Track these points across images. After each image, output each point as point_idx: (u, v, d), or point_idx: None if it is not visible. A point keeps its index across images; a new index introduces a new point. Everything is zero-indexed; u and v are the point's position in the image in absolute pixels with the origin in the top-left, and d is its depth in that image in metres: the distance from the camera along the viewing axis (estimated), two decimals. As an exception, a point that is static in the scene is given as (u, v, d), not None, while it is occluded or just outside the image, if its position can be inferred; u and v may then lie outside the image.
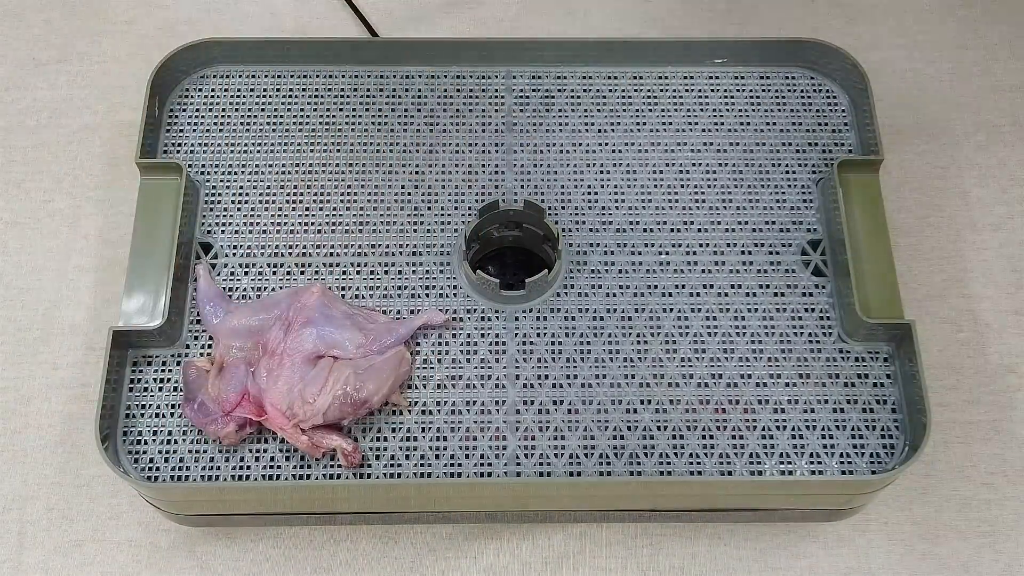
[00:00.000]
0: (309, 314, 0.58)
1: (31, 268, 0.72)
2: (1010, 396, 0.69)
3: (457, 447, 0.59)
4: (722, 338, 0.61)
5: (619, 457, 0.58)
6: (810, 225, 0.64)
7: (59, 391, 0.69)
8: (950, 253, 0.73)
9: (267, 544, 0.65)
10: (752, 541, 0.65)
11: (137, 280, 0.61)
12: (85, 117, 0.78)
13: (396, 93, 0.68)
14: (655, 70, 0.69)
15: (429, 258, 0.63)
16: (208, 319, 0.60)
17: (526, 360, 0.61)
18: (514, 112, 0.68)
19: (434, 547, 0.65)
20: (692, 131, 0.67)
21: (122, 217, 0.74)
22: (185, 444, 0.59)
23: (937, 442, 0.68)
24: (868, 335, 0.60)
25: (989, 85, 0.79)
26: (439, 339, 0.61)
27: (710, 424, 0.59)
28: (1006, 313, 0.71)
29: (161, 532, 0.65)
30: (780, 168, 0.66)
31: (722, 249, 0.64)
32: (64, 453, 0.67)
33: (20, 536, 0.65)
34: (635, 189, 0.65)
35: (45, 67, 0.80)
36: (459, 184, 0.65)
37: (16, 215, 0.74)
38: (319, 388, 0.56)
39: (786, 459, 0.58)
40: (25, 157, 0.76)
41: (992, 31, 0.82)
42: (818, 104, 0.68)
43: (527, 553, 0.64)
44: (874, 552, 0.65)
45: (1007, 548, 0.65)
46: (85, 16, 0.82)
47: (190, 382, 0.59)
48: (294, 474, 0.58)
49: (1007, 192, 0.75)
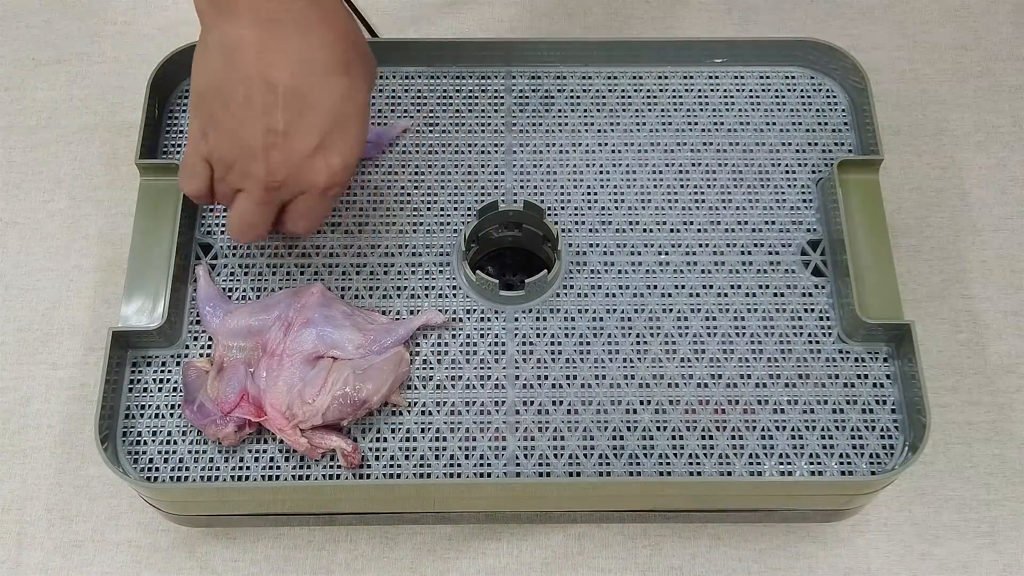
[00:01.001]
0: (309, 315, 0.58)
1: (31, 268, 0.73)
2: (1010, 397, 0.69)
3: (457, 447, 0.59)
4: (722, 338, 0.61)
5: (619, 458, 0.58)
6: (810, 225, 0.64)
7: (59, 391, 0.69)
8: (950, 253, 0.73)
9: (267, 544, 0.65)
10: (751, 541, 0.65)
11: (137, 280, 0.61)
12: (85, 117, 0.78)
13: (396, 93, 0.68)
14: (655, 70, 0.69)
15: (429, 259, 0.63)
16: (208, 320, 0.60)
17: (525, 360, 0.61)
18: (513, 112, 0.68)
19: (434, 547, 0.65)
20: (692, 131, 0.67)
21: (122, 217, 0.74)
22: (185, 444, 0.59)
23: (937, 443, 0.68)
24: (868, 335, 0.60)
25: (989, 85, 0.79)
26: (439, 339, 0.61)
27: (710, 424, 0.59)
28: (1006, 314, 0.71)
29: (161, 532, 0.65)
30: (780, 168, 0.66)
31: (722, 249, 0.64)
32: (64, 453, 0.67)
33: (19, 536, 0.65)
34: (635, 189, 0.65)
35: (45, 67, 0.80)
36: (459, 185, 0.65)
37: (16, 215, 0.74)
38: (318, 388, 0.56)
39: (786, 460, 0.58)
40: (25, 157, 0.76)
41: (992, 31, 0.82)
42: (818, 104, 0.68)
43: (526, 554, 0.65)
44: (873, 553, 0.65)
45: (1007, 549, 0.65)
46: (85, 16, 0.82)
47: (190, 383, 0.59)
48: (294, 474, 0.58)
49: (1007, 192, 0.75)
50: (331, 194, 0.55)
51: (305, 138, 0.52)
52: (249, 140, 0.52)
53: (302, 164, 0.52)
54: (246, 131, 0.51)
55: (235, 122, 0.52)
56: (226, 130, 0.52)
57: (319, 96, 0.51)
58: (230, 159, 0.53)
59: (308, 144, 0.52)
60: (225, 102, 0.51)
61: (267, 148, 0.52)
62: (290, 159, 0.52)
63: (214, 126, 0.53)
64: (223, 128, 0.52)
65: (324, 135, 0.52)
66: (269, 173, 0.52)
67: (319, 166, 0.53)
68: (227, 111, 0.52)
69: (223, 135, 0.52)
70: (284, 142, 0.51)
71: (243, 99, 0.51)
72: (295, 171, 0.53)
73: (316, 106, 0.51)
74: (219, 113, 0.52)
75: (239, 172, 0.53)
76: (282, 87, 0.51)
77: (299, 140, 0.52)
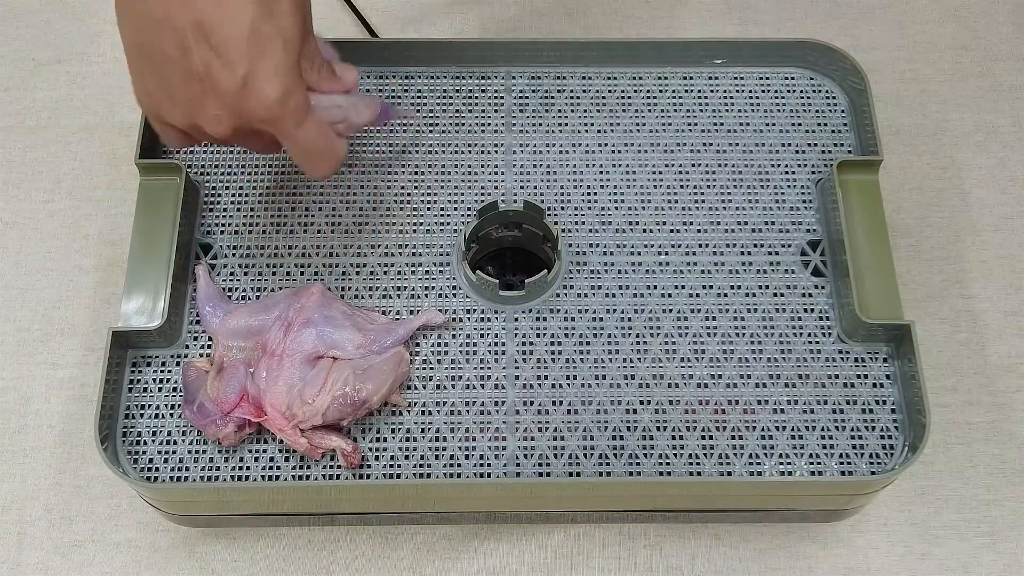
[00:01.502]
0: (308, 315, 0.58)
1: (31, 268, 0.73)
2: (1010, 397, 0.69)
3: (456, 447, 0.59)
4: (721, 338, 0.61)
5: (618, 458, 0.58)
6: (809, 225, 0.64)
7: (59, 391, 0.69)
8: (950, 254, 0.73)
9: (267, 544, 0.65)
10: (751, 542, 0.65)
11: (137, 280, 0.61)
12: (85, 117, 0.78)
13: (396, 93, 0.68)
14: (655, 70, 0.69)
15: (429, 259, 0.63)
16: (207, 320, 0.60)
17: (525, 360, 0.61)
18: (513, 112, 0.68)
19: (433, 548, 0.65)
20: (691, 131, 0.67)
21: (122, 217, 0.74)
22: (184, 445, 0.59)
23: (936, 443, 0.68)
24: (867, 335, 0.60)
25: (989, 85, 0.79)
26: (438, 339, 0.61)
27: (709, 425, 0.59)
28: (1006, 314, 0.71)
29: (161, 533, 0.65)
30: (779, 168, 0.66)
31: (721, 249, 0.64)
32: (63, 453, 0.67)
33: (19, 536, 0.65)
34: (634, 190, 0.65)
35: (45, 67, 0.80)
36: (459, 185, 0.65)
37: (16, 215, 0.74)
38: (318, 388, 0.56)
39: (785, 460, 0.58)
40: (25, 157, 0.76)
41: (992, 31, 0.82)
42: (817, 104, 0.68)
43: (526, 554, 0.65)
44: (873, 553, 0.65)
45: (1006, 549, 0.65)
46: (85, 16, 0.82)
47: (189, 383, 0.59)
48: (293, 474, 0.58)
49: (1007, 192, 0.75)
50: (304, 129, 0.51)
51: (226, 75, 0.47)
52: (184, 94, 0.49)
53: (238, 103, 0.48)
54: (177, 87, 0.49)
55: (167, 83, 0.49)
56: (163, 93, 0.49)
57: (229, 26, 0.47)
58: (179, 120, 0.50)
59: (232, 81, 0.48)
60: (150, 65, 0.49)
61: (199, 97, 0.48)
62: (224, 101, 0.48)
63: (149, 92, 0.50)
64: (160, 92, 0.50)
65: (247, 66, 0.47)
66: (216, 123, 0.49)
67: (254, 100, 0.48)
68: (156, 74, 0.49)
69: (163, 100, 0.50)
70: (210, 84, 0.48)
71: (160, 54, 0.48)
72: (236, 111, 0.49)
73: (228, 37, 0.47)
74: (148, 78, 0.49)
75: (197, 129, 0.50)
76: (189, 26, 0.47)
77: (222, 78, 0.47)
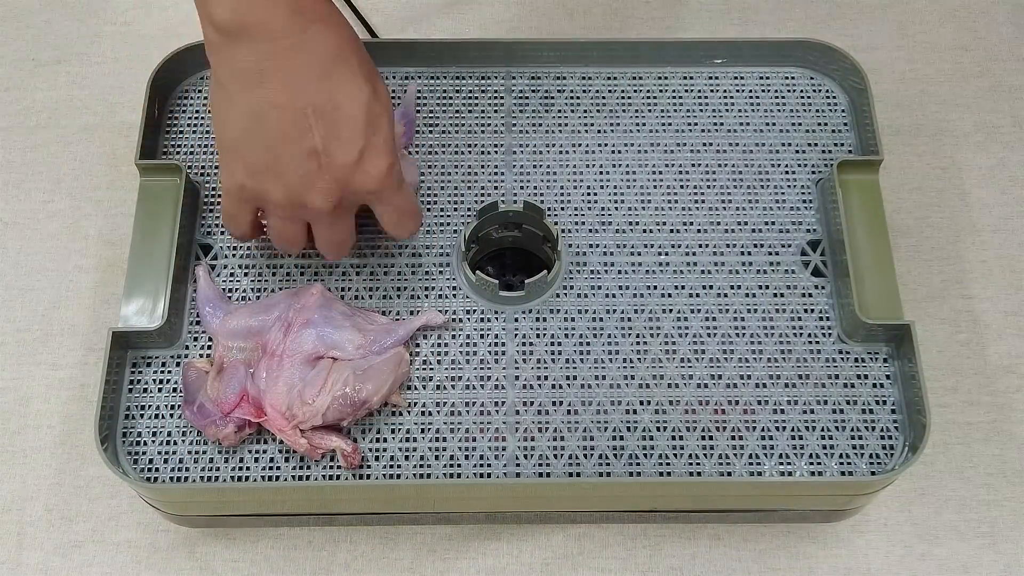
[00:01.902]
0: (308, 315, 0.58)
1: (31, 268, 0.73)
2: (1010, 397, 0.69)
3: (456, 448, 0.59)
4: (721, 339, 0.61)
5: (619, 458, 0.58)
6: (810, 225, 0.64)
7: (59, 392, 0.69)
8: (949, 254, 0.73)
9: (267, 545, 0.65)
10: (751, 542, 0.65)
11: (137, 281, 0.61)
12: (85, 117, 0.78)
13: (396, 94, 0.68)
14: (655, 70, 0.69)
15: (429, 259, 0.63)
16: (207, 320, 0.60)
17: (525, 361, 0.61)
18: (513, 113, 0.68)
19: (433, 548, 0.65)
20: (691, 131, 0.67)
21: (122, 217, 0.74)
22: (184, 445, 0.59)
23: (936, 443, 0.68)
24: (867, 336, 0.60)
25: (989, 85, 0.79)
26: (438, 340, 0.61)
27: (709, 425, 0.59)
28: (1006, 314, 0.71)
29: (161, 533, 0.65)
30: (779, 168, 0.66)
31: (721, 250, 0.64)
32: (63, 454, 0.67)
33: (19, 537, 0.65)
34: (634, 190, 0.65)
35: (44, 67, 0.80)
36: (459, 185, 0.65)
37: (16, 215, 0.74)
38: (318, 389, 0.56)
39: (785, 460, 0.58)
40: (25, 157, 0.76)
41: (992, 31, 0.82)
42: (818, 104, 0.68)
43: (526, 554, 0.65)
44: (873, 553, 0.65)
45: (1007, 549, 0.65)
46: (85, 16, 0.82)
47: (189, 383, 0.59)
48: (294, 475, 0.58)
49: (1007, 192, 0.75)
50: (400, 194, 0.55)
51: (346, 150, 0.52)
52: (296, 170, 0.52)
53: (350, 176, 0.53)
54: (290, 164, 0.52)
55: (277, 161, 0.52)
56: (270, 172, 0.52)
57: (348, 106, 0.52)
58: (282, 198, 0.53)
59: (351, 155, 0.52)
60: (263, 144, 0.52)
61: (314, 172, 0.52)
62: (338, 175, 0.52)
63: (255, 172, 0.53)
64: (267, 171, 0.52)
65: (363, 142, 0.52)
66: (324, 197, 0.53)
67: (367, 173, 0.53)
68: (268, 152, 0.52)
69: (268, 178, 0.53)
70: (328, 160, 0.52)
71: (279, 134, 0.51)
72: (346, 185, 0.53)
73: (348, 117, 0.52)
74: (257, 157, 0.52)
75: (297, 206, 0.53)
76: (311, 107, 0.51)
77: (341, 154, 0.52)
